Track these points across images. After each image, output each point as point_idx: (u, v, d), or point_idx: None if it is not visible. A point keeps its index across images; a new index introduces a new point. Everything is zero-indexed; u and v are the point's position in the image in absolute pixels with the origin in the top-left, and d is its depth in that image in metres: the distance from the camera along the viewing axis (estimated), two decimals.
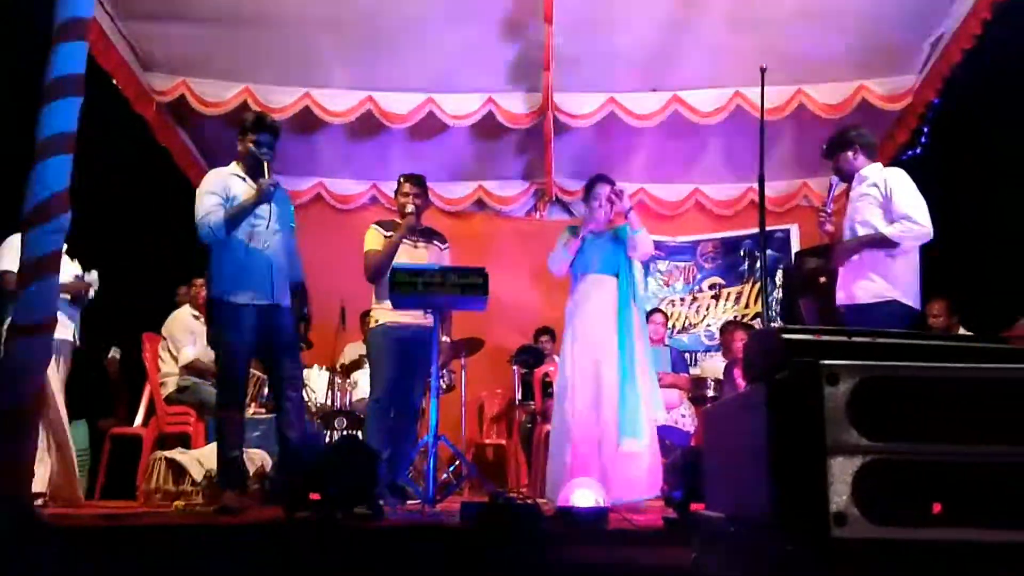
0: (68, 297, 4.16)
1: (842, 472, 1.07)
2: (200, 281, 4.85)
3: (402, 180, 4.34)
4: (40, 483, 3.85)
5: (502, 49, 5.44)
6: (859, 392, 1.09)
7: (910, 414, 1.10)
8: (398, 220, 4.32)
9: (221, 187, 3.62)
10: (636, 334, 3.99)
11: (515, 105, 5.86)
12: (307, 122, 5.91)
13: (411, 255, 4.20)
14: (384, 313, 4.14)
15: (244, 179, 3.68)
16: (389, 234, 4.22)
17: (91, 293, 4.33)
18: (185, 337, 5.05)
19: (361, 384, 5.28)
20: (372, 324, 4.25)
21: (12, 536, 2.51)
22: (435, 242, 4.39)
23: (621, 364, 3.88)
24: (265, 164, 3.60)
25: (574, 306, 4.12)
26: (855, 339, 1.20)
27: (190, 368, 5.01)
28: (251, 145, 3.64)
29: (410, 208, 4.21)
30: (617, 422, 3.77)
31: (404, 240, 4.21)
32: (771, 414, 1.13)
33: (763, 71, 3.76)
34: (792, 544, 1.05)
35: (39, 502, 3.12)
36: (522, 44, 5.37)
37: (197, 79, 5.61)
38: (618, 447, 3.74)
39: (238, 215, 3.56)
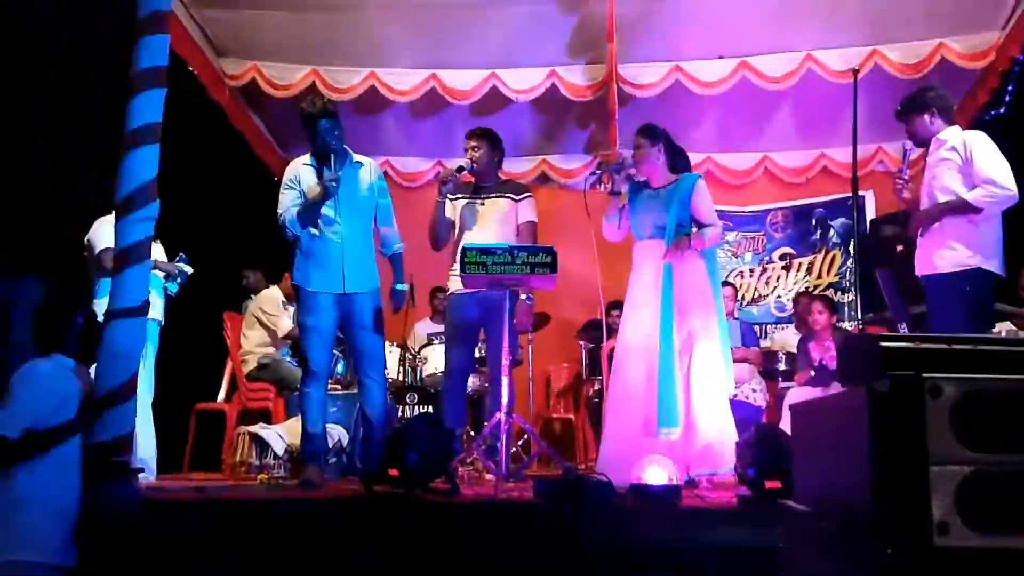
0: (162, 275, 4.33)
1: (945, 482, 1.08)
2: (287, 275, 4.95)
3: (465, 137, 4.25)
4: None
5: (564, 21, 5.39)
6: (962, 404, 1.09)
7: (1014, 424, 1.09)
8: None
9: (296, 180, 3.73)
10: (693, 304, 3.64)
11: (578, 77, 5.80)
12: (373, 102, 5.98)
13: (476, 213, 4.10)
14: (453, 281, 4.10)
15: (314, 168, 3.74)
16: (454, 197, 4.15)
17: (181, 278, 4.48)
18: (279, 310, 5.24)
19: (432, 360, 5.38)
20: (447, 292, 4.22)
21: (114, 507, 2.68)
22: (507, 195, 4.15)
23: (664, 342, 3.53)
24: (332, 156, 3.63)
25: (632, 277, 3.81)
26: (955, 347, 1.18)
27: (289, 337, 5.20)
28: (321, 136, 3.67)
29: (458, 164, 4.11)
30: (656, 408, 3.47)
31: (467, 199, 4.12)
32: (873, 425, 1.14)
33: (855, 73, 3.61)
34: (894, 549, 1.06)
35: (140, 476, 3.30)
36: (584, 15, 5.31)
37: (267, 63, 5.73)
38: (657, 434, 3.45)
39: (306, 212, 3.65)
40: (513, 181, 4.44)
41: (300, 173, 3.75)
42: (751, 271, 6.87)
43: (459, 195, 4.18)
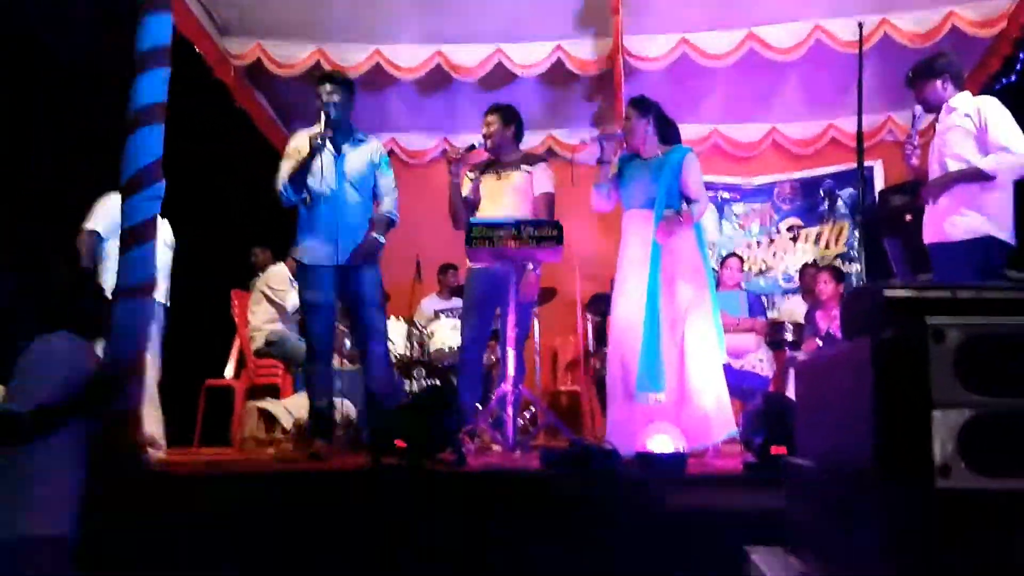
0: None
1: (947, 426, 1.07)
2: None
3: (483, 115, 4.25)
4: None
5: None
6: (966, 349, 1.09)
7: (1018, 367, 1.09)
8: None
9: (295, 149, 3.73)
10: (685, 276, 3.61)
11: (584, 51, 5.76)
12: (378, 79, 5.96)
13: (492, 187, 4.14)
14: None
15: None
16: (470, 175, 4.20)
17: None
18: (287, 286, 5.25)
19: (438, 335, 5.40)
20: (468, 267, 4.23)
21: (122, 481, 2.71)
22: (521, 167, 4.14)
23: (650, 310, 3.50)
24: (322, 116, 3.61)
25: (621, 247, 3.78)
26: (960, 294, 1.18)
27: (298, 312, 5.20)
28: (319, 99, 3.68)
29: (470, 143, 4.13)
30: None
31: (480, 175, 4.15)
32: (876, 372, 1.14)
33: (860, 27, 3.57)
34: (895, 493, 1.07)
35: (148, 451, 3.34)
36: None
37: (271, 41, 5.70)
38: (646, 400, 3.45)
39: (295, 173, 3.65)
40: (530, 153, 4.40)
41: (299, 143, 3.75)
42: (758, 243, 6.84)
43: (476, 172, 4.19)
